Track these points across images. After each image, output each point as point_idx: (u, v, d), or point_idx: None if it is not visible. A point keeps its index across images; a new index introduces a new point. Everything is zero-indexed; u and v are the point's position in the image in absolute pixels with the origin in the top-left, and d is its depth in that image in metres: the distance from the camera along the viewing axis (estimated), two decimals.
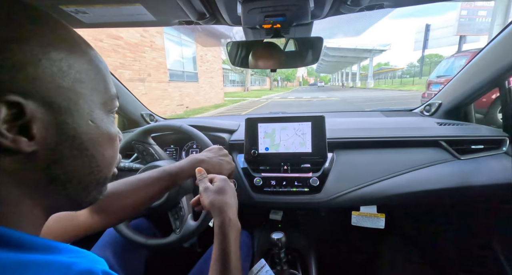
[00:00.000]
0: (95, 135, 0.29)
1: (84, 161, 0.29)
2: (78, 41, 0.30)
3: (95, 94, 0.30)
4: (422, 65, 25.49)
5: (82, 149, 0.28)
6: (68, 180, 0.28)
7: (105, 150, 0.31)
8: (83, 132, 0.28)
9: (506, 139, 0.93)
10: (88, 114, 0.29)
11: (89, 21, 0.70)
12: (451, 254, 1.17)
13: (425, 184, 0.86)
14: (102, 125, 0.31)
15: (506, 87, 0.94)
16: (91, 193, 0.32)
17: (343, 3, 0.60)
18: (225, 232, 0.51)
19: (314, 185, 0.88)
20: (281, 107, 12.08)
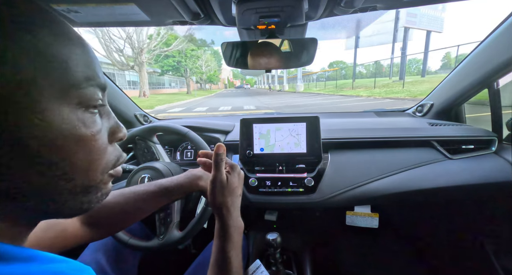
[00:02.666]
0: (49, 138, 0.22)
1: (40, 170, 0.23)
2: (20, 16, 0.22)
3: (47, 83, 0.22)
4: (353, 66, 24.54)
5: (32, 156, 0.22)
6: (23, 195, 0.23)
7: (73, 155, 0.24)
8: (29, 135, 0.21)
9: (495, 139, 0.95)
10: (33, 112, 0.21)
11: (81, 21, 0.69)
12: (444, 252, 1.19)
13: (417, 184, 0.88)
14: (62, 125, 0.23)
15: (494, 88, 0.96)
16: (66, 204, 0.26)
17: (337, 4, 0.61)
18: (231, 233, 0.48)
19: (309, 185, 0.89)
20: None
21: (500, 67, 0.87)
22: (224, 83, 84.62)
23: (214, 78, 41.20)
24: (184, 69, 28.48)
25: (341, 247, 1.31)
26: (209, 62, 35.66)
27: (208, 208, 0.70)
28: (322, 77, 31.75)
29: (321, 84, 28.06)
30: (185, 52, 27.20)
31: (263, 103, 13.07)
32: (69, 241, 0.50)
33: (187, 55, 27.98)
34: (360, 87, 17.76)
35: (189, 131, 0.82)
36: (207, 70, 36.05)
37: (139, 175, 0.76)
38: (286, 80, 33.80)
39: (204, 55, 32.76)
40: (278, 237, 0.79)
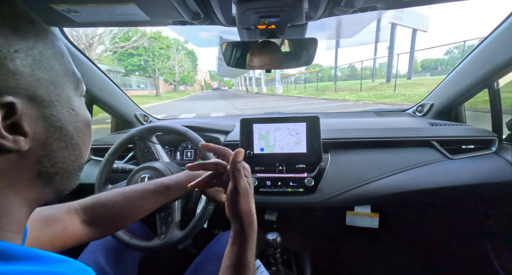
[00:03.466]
0: (77, 124, 0.29)
1: (70, 150, 0.29)
2: (36, 22, 0.27)
3: (68, 80, 0.29)
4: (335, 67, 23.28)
5: (68, 139, 0.28)
6: (56, 172, 0.28)
7: (85, 136, 0.31)
8: (68, 122, 0.28)
9: (495, 139, 0.95)
10: (67, 103, 0.28)
11: (82, 21, 0.69)
12: (444, 252, 1.19)
13: (417, 184, 0.88)
14: (81, 112, 0.30)
15: (494, 88, 0.96)
16: (72, 180, 0.31)
17: (337, 4, 0.61)
18: (254, 239, 0.47)
19: (309, 185, 0.89)
20: None
21: (500, 67, 0.87)
22: (201, 84, 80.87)
23: (188, 79, 38.11)
24: (152, 69, 26.33)
25: (341, 247, 1.31)
26: (182, 62, 33.40)
27: (209, 207, 0.69)
28: (300, 79, 30.19)
29: (300, 87, 25.77)
30: (152, 50, 25.07)
31: (236, 108, 11.37)
32: (70, 240, 0.50)
33: (155, 53, 25.81)
34: (344, 89, 16.30)
35: (188, 130, 0.82)
36: (181, 70, 33.70)
37: (139, 175, 0.76)
38: (264, 82, 31.36)
39: (177, 55, 30.85)
40: (278, 237, 0.79)
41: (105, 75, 1.10)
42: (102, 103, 1.14)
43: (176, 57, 30.66)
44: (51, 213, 0.48)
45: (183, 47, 36.18)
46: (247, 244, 0.45)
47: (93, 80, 1.05)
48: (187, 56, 37.52)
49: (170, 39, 29.34)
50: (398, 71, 19.09)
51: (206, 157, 0.74)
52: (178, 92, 38.08)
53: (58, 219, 0.48)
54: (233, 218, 0.47)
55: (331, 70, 38.29)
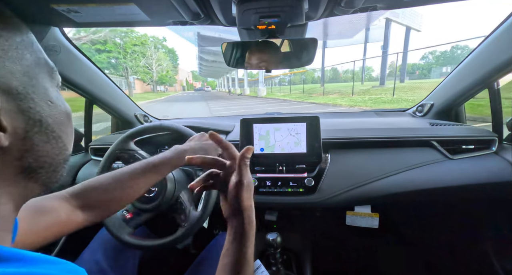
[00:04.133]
0: (57, 115, 0.29)
1: (52, 144, 0.28)
2: (3, 11, 0.26)
3: (42, 70, 0.28)
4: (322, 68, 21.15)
5: (49, 132, 0.27)
6: (40, 166, 0.27)
7: (67, 127, 0.31)
8: (47, 115, 0.27)
9: (495, 139, 0.95)
10: (44, 95, 0.27)
11: (82, 21, 0.69)
12: (444, 253, 1.19)
13: (417, 184, 0.88)
14: (60, 103, 0.30)
15: (494, 88, 0.96)
16: (58, 173, 0.31)
17: (337, 4, 0.61)
18: (253, 234, 0.47)
19: (309, 185, 0.89)
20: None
21: (500, 67, 0.86)
22: (182, 85, 76.73)
23: (166, 79, 35.54)
24: (124, 67, 23.90)
25: (341, 247, 1.31)
26: (161, 61, 31.18)
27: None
28: (284, 81, 28.90)
29: (285, 89, 24.07)
30: (124, 47, 22.85)
31: (212, 112, 10.30)
32: (65, 228, 0.50)
33: (127, 50, 23.42)
34: (332, 93, 14.69)
35: (163, 122, 0.82)
36: (159, 70, 31.50)
37: None
38: (247, 83, 28.39)
39: (155, 53, 28.86)
40: (278, 237, 0.79)
41: (105, 75, 1.10)
42: (102, 103, 1.14)
43: (154, 56, 28.90)
44: (42, 203, 0.48)
45: (163, 45, 34.10)
46: (248, 241, 0.46)
47: (93, 80, 1.05)
48: (166, 54, 35.46)
49: (149, 36, 27.66)
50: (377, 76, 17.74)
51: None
52: (155, 93, 35.60)
53: (49, 208, 0.48)
54: (233, 214, 0.47)
55: (314, 72, 36.09)
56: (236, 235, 0.45)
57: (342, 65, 20.22)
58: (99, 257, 0.72)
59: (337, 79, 26.18)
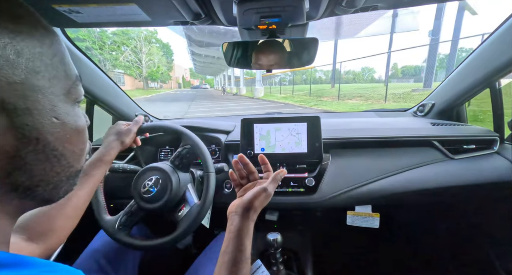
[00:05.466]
0: (62, 133, 0.26)
1: (52, 162, 0.25)
2: (22, 15, 0.24)
3: (56, 84, 0.25)
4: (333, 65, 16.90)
5: (49, 150, 0.25)
6: (35, 185, 0.25)
7: (75, 145, 0.28)
8: (48, 133, 0.24)
9: (497, 138, 0.94)
10: (51, 111, 0.24)
11: (83, 21, 0.69)
12: (445, 253, 1.19)
13: (419, 184, 0.87)
14: (69, 120, 0.26)
15: (496, 88, 0.96)
16: (62, 188, 0.29)
17: (338, 4, 0.60)
18: (251, 235, 0.49)
19: (309, 185, 0.89)
20: None
21: (502, 67, 0.86)
22: (178, 82, 74.61)
23: (157, 75, 32.21)
24: (99, 60, 20.34)
25: (342, 247, 1.31)
26: (152, 55, 28.62)
27: (211, 173, 0.76)
28: (284, 80, 26.15)
29: (287, 89, 20.64)
30: (99, 35, 19.63)
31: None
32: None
33: (104, 41, 20.42)
34: (350, 96, 11.30)
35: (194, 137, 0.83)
36: (150, 65, 28.99)
37: (146, 177, 0.77)
38: (243, 82, 24.98)
39: (145, 46, 26.02)
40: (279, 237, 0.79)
41: (106, 75, 1.10)
42: (103, 103, 1.15)
43: (144, 49, 26.15)
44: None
45: (157, 39, 30.94)
46: (248, 238, 0.48)
47: (94, 80, 1.05)
48: (159, 49, 32.65)
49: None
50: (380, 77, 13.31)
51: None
52: (145, 90, 31.34)
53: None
54: (239, 211, 0.50)
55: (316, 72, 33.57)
56: (239, 232, 0.47)
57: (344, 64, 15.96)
58: (100, 257, 0.72)
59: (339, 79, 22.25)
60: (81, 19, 0.67)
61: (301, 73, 28.08)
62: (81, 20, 0.68)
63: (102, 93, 1.10)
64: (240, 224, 0.49)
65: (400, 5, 0.64)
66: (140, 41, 25.44)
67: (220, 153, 1.06)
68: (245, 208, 0.51)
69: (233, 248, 0.46)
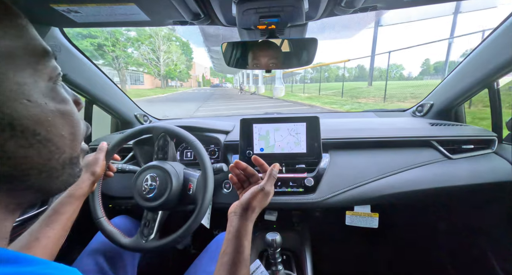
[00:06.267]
0: (40, 116, 0.24)
1: (38, 148, 0.24)
2: None
3: (19, 63, 0.23)
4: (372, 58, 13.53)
5: (30, 135, 0.23)
6: (24, 174, 0.24)
7: (62, 129, 0.26)
8: (23, 117, 0.22)
9: (495, 138, 0.95)
10: (18, 93, 0.22)
11: (82, 21, 0.69)
12: (443, 252, 1.19)
13: (417, 184, 0.88)
14: (46, 101, 0.25)
15: (494, 88, 0.96)
16: (59, 178, 0.27)
17: (337, 4, 0.61)
18: (250, 235, 0.50)
19: (309, 185, 0.89)
20: None
21: (500, 67, 0.87)
22: (198, 80, 73.40)
23: (175, 73, 31.13)
24: (113, 57, 19.20)
25: (341, 247, 1.31)
26: (170, 53, 27.61)
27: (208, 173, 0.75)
28: (306, 78, 23.20)
29: (311, 88, 18.02)
30: (112, 32, 18.34)
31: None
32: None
33: (117, 36, 18.72)
34: (402, 98, 8.82)
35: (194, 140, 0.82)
36: (169, 62, 28.13)
37: (146, 175, 0.76)
38: (261, 80, 23.21)
39: (163, 44, 25.17)
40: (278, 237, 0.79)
41: (105, 75, 1.10)
42: (102, 104, 1.14)
43: (162, 48, 25.48)
44: None
45: (177, 37, 29.66)
46: (247, 239, 0.48)
47: (93, 80, 1.05)
48: (179, 47, 31.60)
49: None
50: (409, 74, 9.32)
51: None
52: (163, 89, 30.40)
53: None
54: (238, 212, 0.51)
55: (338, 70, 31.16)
56: (238, 232, 0.48)
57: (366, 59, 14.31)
58: (99, 258, 0.72)
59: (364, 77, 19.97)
60: (80, 19, 0.67)
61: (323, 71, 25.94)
62: (80, 20, 0.68)
63: (101, 93, 1.10)
64: (238, 224, 0.49)
65: (399, 5, 0.64)
66: (158, 38, 24.50)
67: (219, 153, 1.06)
68: (243, 209, 0.51)
69: (232, 249, 0.46)
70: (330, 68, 20.02)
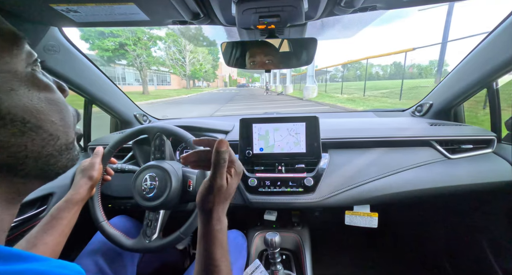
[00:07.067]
0: (27, 104, 0.24)
1: (30, 135, 0.24)
2: None
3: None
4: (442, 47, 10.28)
5: (19, 123, 0.23)
6: (20, 162, 0.24)
7: (51, 115, 0.26)
8: (11, 106, 0.23)
9: (494, 138, 0.95)
10: (3, 83, 0.23)
11: (81, 20, 0.69)
12: (443, 252, 1.20)
13: (417, 183, 0.88)
14: (29, 88, 0.25)
15: (493, 88, 0.97)
16: (57, 163, 0.28)
17: (336, 4, 0.61)
18: (217, 237, 0.41)
19: (308, 185, 0.89)
20: None
21: (499, 67, 0.87)
22: (224, 81, 72.79)
23: (200, 73, 30.40)
24: (134, 57, 18.15)
25: (341, 246, 1.31)
26: (195, 53, 27.16)
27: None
28: (335, 77, 21.23)
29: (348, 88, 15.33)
30: (134, 30, 17.20)
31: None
32: None
33: (139, 36, 17.79)
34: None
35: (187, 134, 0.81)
36: (193, 62, 27.46)
37: (145, 174, 0.76)
38: (289, 79, 20.75)
39: (188, 43, 24.70)
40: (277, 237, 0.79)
41: (104, 75, 1.09)
42: (101, 103, 1.14)
43: (188, 47, 24.90)
44: None
45: (204, 37, 28.90)
46: (215, 240, 0.40)
47: (92, 80, 1.05)
48: (205, 47, 31.56)
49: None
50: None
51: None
52: (188, 89, 29.62)
53: None
54: (199, 213, 0.42)
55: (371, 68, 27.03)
56: (202, 237, 0.41)
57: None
58: (98, 258, 0.71)
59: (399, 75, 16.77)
60: (79, 18, 0.67)
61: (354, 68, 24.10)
62: (79, 19, 0.67)
63: (100, 93, 1.10)
64: (202, 229, 0.41)
65: (399, 5, 0.64)
66: (184, 38, 23.81)
67: None
68: (200, 209, 0.41)
69: (201, 250, 0.40)
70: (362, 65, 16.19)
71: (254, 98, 16.57)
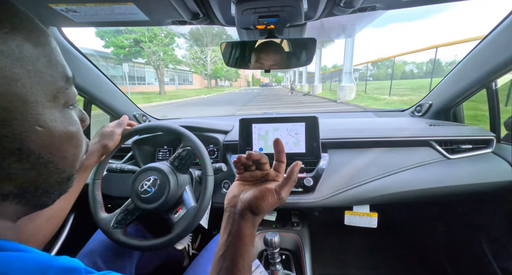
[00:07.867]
0: (48, 141, 0.24)
1: (39, 169, 0.24)
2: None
3: (39, 91, 0.23)
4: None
5: (34, 159, 0.23)
6: (23, 191, 0.24)
7: (66, 151, 0.27)
8: (31, 142, 0.23)
9: (493, 138, 0.95)
10: (34, 120, 0.22)
11: (80, 20, 0.68)
12: (442, 251, 1.20)
13: (416, 183, 0.88)
14: (57, 127, 0.25)
15: (493, 88, 0.97)
16: (55, 192, 0.28)
17: (336, 4, 0.61)
18: (254, 238, 0.42)
19: (308, 185, 0.89)
20: None
21: (498, 67, 0.87)
22: (247, 80, 72.03)
23: (221, 73, 29.37)
24: (149, 54, 17.18)
25: (340, 246, 1.31)
26: (217, 52, 21.54)
27: (209, 177, 0.75)
28: (364, 75, 18.83)
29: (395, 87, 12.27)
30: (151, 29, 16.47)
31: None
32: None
33: (155, 32, 16.84)
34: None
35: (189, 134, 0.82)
36: (215, 61, 26.05)
37: (144, 176, 0.76)
38: (318, 77, 17.85)
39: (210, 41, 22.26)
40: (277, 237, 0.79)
41: (103, 75, 1.09)
42: (100, 103, 1.14)
43: (209, 45, 22.75)
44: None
45: (227, 35, 24.79)
46: (253, 244, 0.40)
47: (92, 80, 1.04)
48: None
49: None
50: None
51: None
52: (208, 89, 28.48)
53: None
54: (244, 211, 0.40)
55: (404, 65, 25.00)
56: (240, 236, 0.39)
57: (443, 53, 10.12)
58: (97, 258, 0.71)
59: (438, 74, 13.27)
60: (78, 18, 0.67)
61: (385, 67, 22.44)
62: (78, 19, 0.67)
63: (99, 93, 1.10)
64: (242, 226, 0.40)
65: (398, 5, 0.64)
66: (207, 36, 21.72)
67: (218, 152, 1.06)
68: (251, 211, 0.40)
69: (234, 254, 0.38)
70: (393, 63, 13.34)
71: (278, 99, 15.31)
